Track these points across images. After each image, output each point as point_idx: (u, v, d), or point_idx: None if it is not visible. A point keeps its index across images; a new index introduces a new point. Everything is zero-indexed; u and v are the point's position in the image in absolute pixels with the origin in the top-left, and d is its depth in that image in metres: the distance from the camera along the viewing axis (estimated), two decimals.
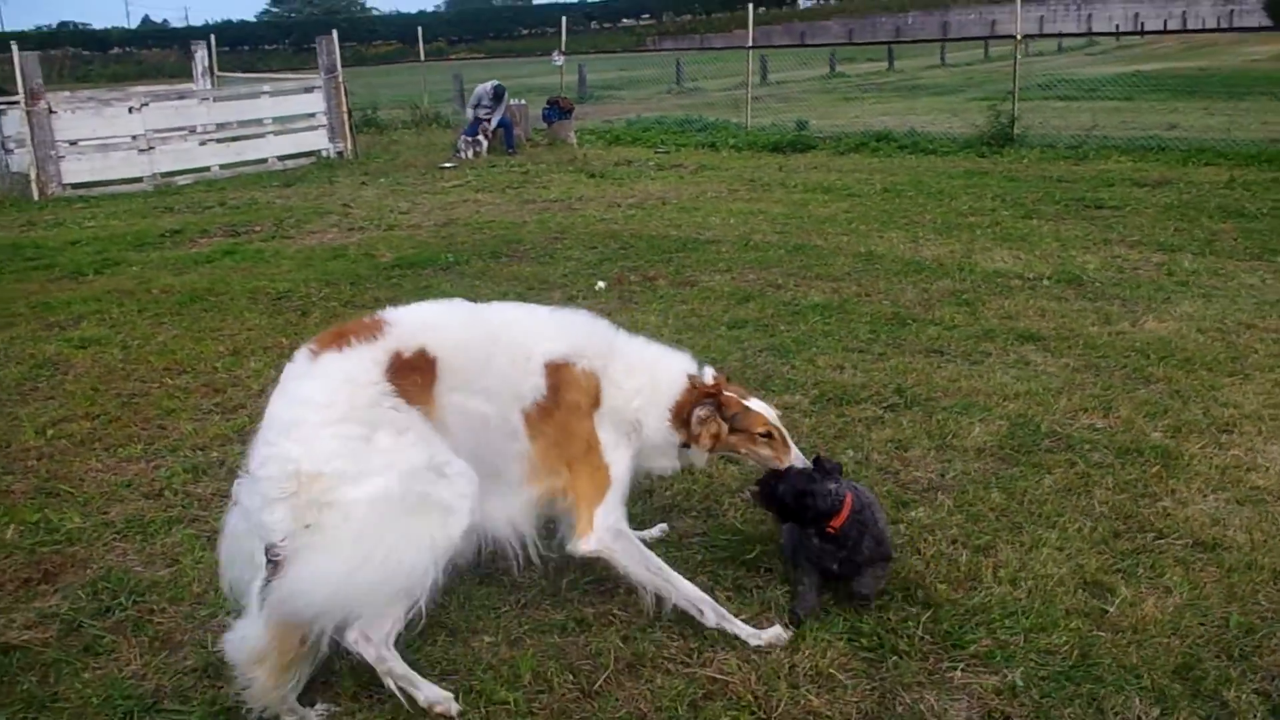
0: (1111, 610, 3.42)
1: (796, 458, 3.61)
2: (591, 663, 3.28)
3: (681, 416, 3.56)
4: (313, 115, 17.55)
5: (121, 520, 4.35)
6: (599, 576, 3.74)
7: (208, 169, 16.04)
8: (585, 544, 3.40)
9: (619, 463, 3.49)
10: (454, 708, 3.00)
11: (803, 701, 3.04)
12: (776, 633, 3.35)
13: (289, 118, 17.37)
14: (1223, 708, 2.95)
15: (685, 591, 3.43)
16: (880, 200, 11.48)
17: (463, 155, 17.30)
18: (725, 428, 3.58)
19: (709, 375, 3.69)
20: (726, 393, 3.63)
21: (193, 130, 16.04)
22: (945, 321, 6.65)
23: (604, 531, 3.39)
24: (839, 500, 3.43)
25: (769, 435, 3.60)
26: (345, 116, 17.79)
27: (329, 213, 12.54)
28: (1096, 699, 3.00)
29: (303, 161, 17.14)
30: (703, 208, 11.67)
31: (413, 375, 3.12)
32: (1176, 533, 3.91)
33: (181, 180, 15.47)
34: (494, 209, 12.37)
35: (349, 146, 17.83)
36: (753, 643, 3.32)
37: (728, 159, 16.19)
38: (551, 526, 3.63)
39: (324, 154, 17.52)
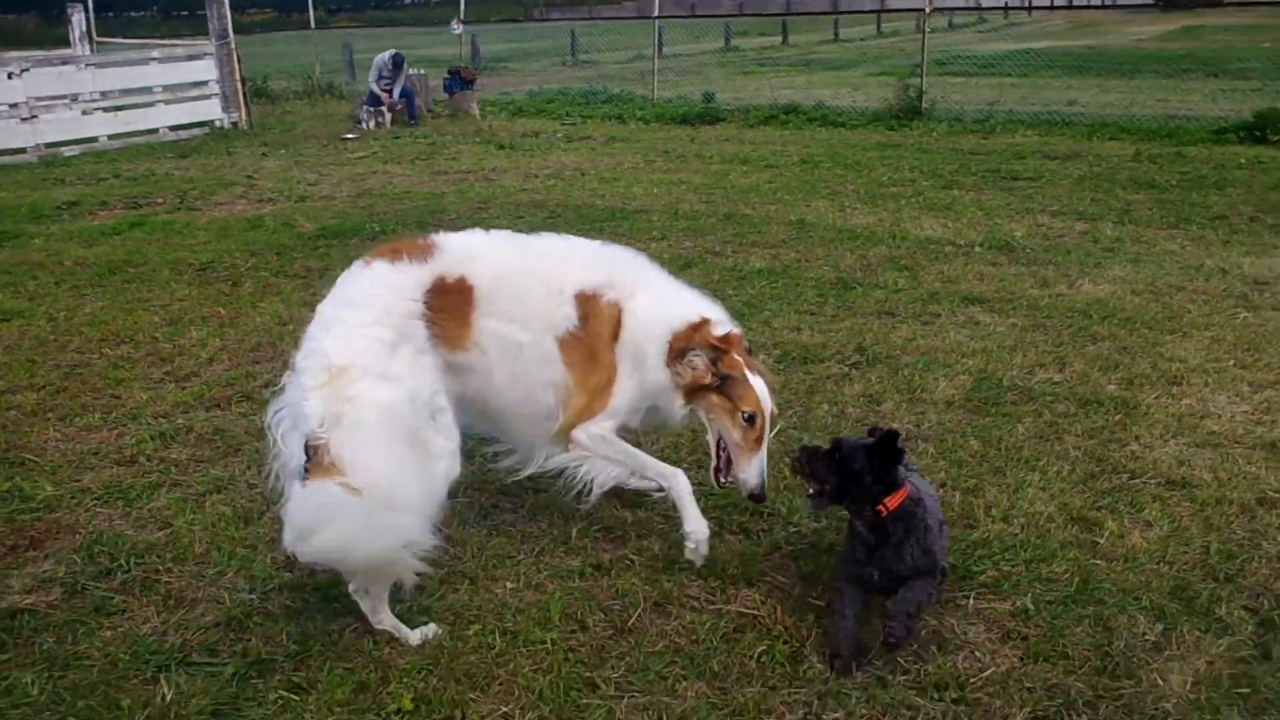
0: (1102, 542, 3.66)
1: (758, 463, 3.37)
2: (620, 602, 3.36)
3: (676, 351, 3.42)
4: (204, 84, 16.87)
5: (98, 487, 4.23)
6: (608, 524, 3.81)
7: (95, 139, 15.27)
8: (571, 447, 3.54)
9: (623, 393, 3.52)
10: (432, 631, 3.20)
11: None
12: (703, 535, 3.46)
13: (179, 86, 16.68)
14: (1218, 622, 3.20)
15: (655, 467, 3.58)
16: (799, 171, 11.70)
17: (365, 126, 16.92)
18: (711, 381, 3.37)
19: (725, 328, 3.51)
20: (735, 355, 3.43)
21: (75, 98, 15.27)
22: (890, 285, 6.87)
23: (584, 436, 3.51)
24: (897, 480, 3.08)
25: (751, 420, 3.35)
26: (239, 85, 17.19)
27: (233, 184, 12.16)
28: (1103, 619, 3.22)
29: (196, 132, 16.49)
30: (623, 178, 11.71)
31: (449, 301, 3.31)
32: (1148, 473, 4.17)
33: (68, 151, 14.71)
34: (407, 180, 12.18)
35: (244, 116, 17.24)
36: (690, 531, 3.45)
37: (637, 131, 16.22)
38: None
39: (218, 124, 16.90)
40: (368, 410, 2.94)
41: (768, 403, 3.39)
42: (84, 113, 15.33)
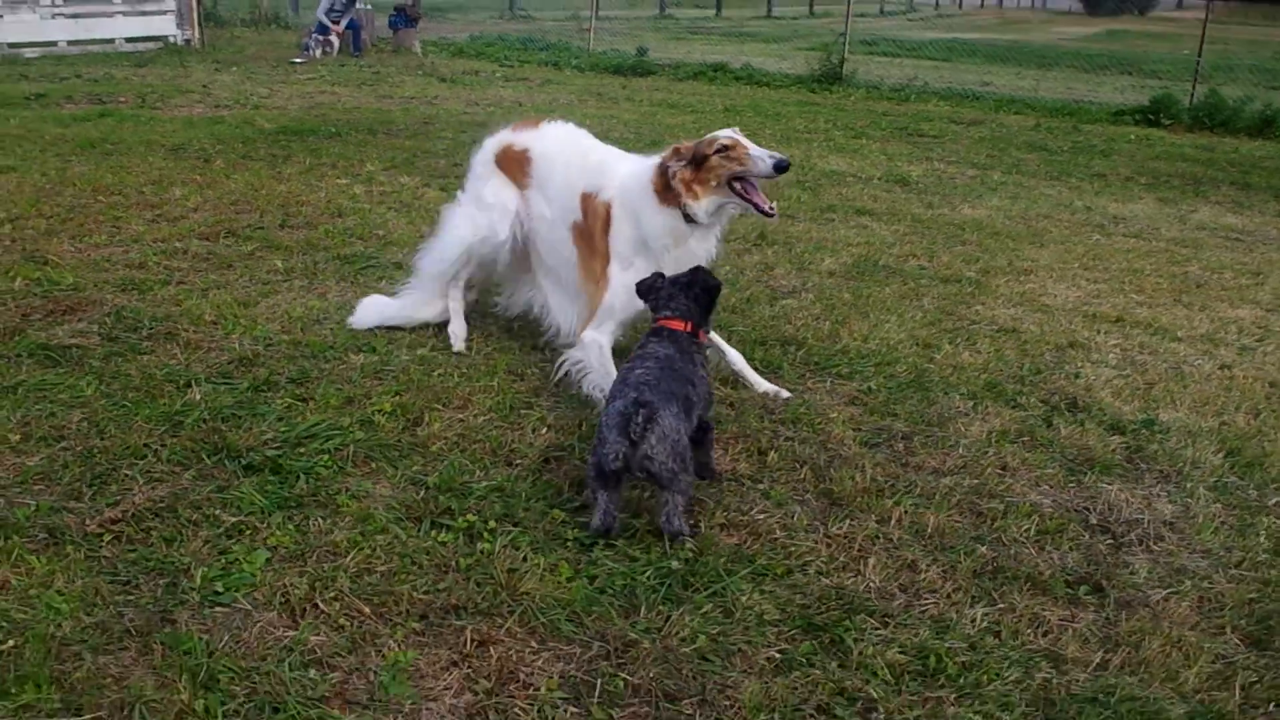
0: (938, 357, 4.67)
1: (758, 154, 3.79)
2: (551, 365, 4.25)
3: (661, 187, 3.92)
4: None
5: (115, 280, 5.00)
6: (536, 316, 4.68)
7: (55, 44, 15.68)
8: (576, 345, 4.15)
9: (617, 288, 4.05)
10: (459, 345, 4.45)
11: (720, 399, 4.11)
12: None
13: None
14: (1016, 405, 4.21)
15: None
16: (722, 116, 12.60)
17: (312, 53, 17.40)
18: (689, 170, 3.83)
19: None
20: (685, 143, 3.95)
21: (38, 2, 15.64)
22: (793, 199, 7.85)
23: (588, 338, 4.11)
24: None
25: (726, 148, 3.80)
26: (194, 3, 17.58)
27: (190, 91, 12.69)
28: (928, 397, 4.22)
29: (151, 45, 16.90)
30: (557, 111, 12.47)
31: (513, 161, 4.51)
32: (985, 323, 5.21)
33: (29, 53, 15.09)
34: (354, 99, 12.82)
35: (196, 35, 17.64)
36: None
37: (571, 77, 17.01)
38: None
39: (172, 40, 17.30)
40: (456, 205, 4.76)
41: (726, 131, 3.91)
42: (48, 16, 15.73)
